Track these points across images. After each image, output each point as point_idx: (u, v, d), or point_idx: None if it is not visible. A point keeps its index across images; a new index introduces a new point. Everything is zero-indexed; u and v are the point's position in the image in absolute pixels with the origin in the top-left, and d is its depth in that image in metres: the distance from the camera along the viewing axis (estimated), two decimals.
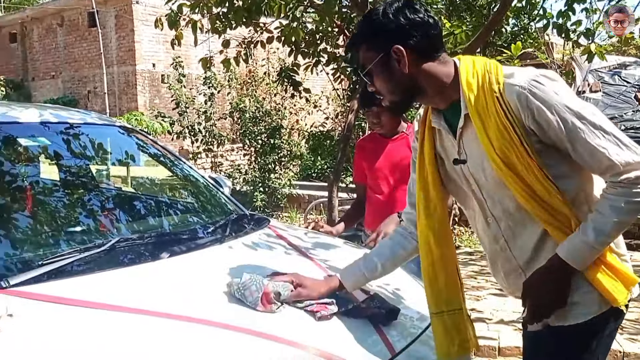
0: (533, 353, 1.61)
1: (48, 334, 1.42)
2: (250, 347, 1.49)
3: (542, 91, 1.40)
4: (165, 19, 4.73)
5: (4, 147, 2.33)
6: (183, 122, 9.16)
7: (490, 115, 1.45)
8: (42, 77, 19.59)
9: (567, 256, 1.44)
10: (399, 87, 1.54)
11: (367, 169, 2.78)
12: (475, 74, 1.49)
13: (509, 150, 1.44)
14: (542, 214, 1.47)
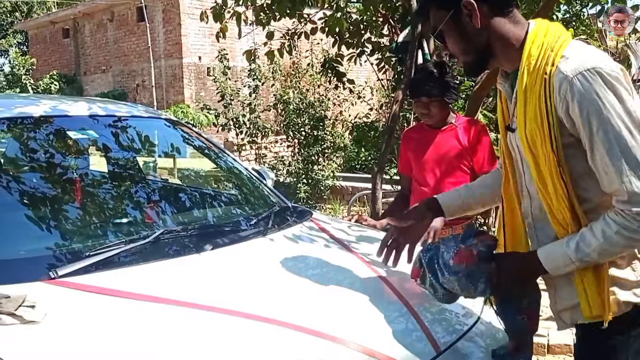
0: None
1: (93, 325, 1.44)
2: (292, 342, 1.48)
3: (583, 87, 1.31)
4: (210, 12, 4.76)
5: (54, 140, 2.39)
6: (228, 114, 9.26)
7: (533, 94, 1.39)
8: (93, 71, 20.17)
9: (543, 259, 1.43)
10: (472, 45, 1.49)
11: (414, 160, 2.72)
12: (541, 46, 1.40)
13: (536, 135, 1.39)
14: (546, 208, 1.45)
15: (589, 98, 1.30)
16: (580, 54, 1.37)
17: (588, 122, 1.31)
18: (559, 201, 1.40)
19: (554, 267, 1.42)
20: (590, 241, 1.35)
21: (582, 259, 1.37)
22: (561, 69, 1.35)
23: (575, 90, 1.32)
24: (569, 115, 1.35)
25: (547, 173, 1.40)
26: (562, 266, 1.40)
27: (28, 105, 2.46)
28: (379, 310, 1.69)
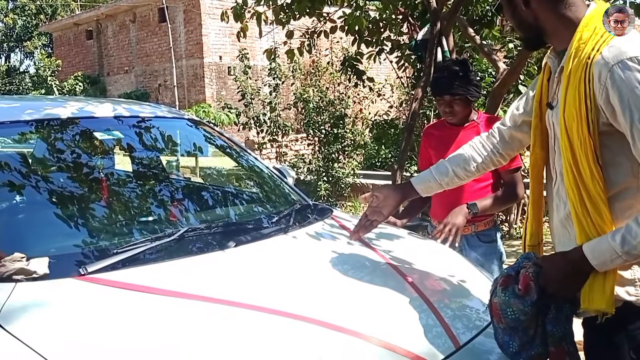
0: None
1: (121, 319, 1.49)
2: (314, 337, 1.51)
3: (625, 74, 1.31)
4: (231, 12, 4.82)
5: (81, 140, 2.46)
6: (249, 113, 9.33)
7: (575, 78, 1.40)
8: (116, 72, 20.44)
9: (589, 254, 1.39)
10: (523, 24, 1.55)
11: (435, 158, 2.71)
12: (593, 30, 1.41)
13: (573, 119, 1.41)
14: (574, 194, 1.44)
15: (630, 86, 1.31)
16: (628, 42, 1.36)
17: (629, 111, 1.32)
18: (594, 184, 1.40)
19: (601, 263, 1.38)
20: (637, 233, 1.33)
21: (629, 252, 1.35)
22: (604, 55, 1.35)
23: (616, 78, 1.32)
24: (609, 102, 1.35)
25: (584, 156, 1.40)
26: (608, 261, 1.37)
27: (56, 107, 2.53)
28: (399, 306, 1.72)
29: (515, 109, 1.80)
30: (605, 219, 1.40)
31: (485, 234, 2.63)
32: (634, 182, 1.40)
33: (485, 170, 1.95)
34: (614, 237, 1.36)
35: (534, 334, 1.53)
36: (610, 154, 1.41)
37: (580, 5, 1.48)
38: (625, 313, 1.43)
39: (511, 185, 2.55)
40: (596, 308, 1.41)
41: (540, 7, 1.48)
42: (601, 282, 1.40)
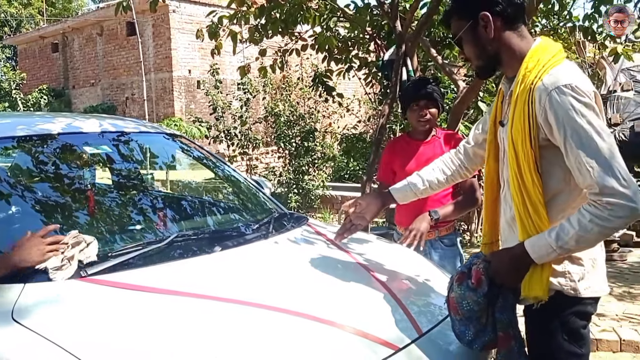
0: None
1: (120, 314, 1.67)
2: (296, 326, 1.72)
3: (559, 99, 1.57)
4: (205, 30, 5.01)
5: (72, 155, 2.62)
6: (219, 126, 9.48)
7: (521, 100, 1.65)
8: (82, 84, 20.32)
9: (530, 249, 1.63)
10: (485, 52, 1.76)
11: (399, 169, 2.94)
12: (537, 61, 1.65)
13: (518, 134, 1.66)
14: (518, 198, 1.69)
15: (564, 107, 1.56)
16: (564, 72, 1.62)
17: (563, 128, 1.56)
18: (534, 189, 1.64)
19: (539, 256, 1.61)
20: (568, 230, 1.55)
21: (562, 247, 1.57)
22: (544, 82, 1.61)
23: (553, 101, 1.57)
24: (547, 121, 1.60)
25: (526, 166, 1.65)
26: (545, 255, 1.60)
27: (46, 123, 2.70)
28: (370, 300, 1.96)
29: (477, 130, 2.10)
30: (543, 219, 1.66)
31: (447, 238, 2.89)
32: (566, 188, 1.67)
33: (454, 182, 2.25)
34: (550, 234, 1.61)
35: (485, 323, 1.78)
36: (548, 164, 1.67)
37: (529, 38, 1.76)
38: (558, 301, 1.68)
39: (469, 192, 2.81)
40: (534, 295, 1.66)
41: (502, 39, 1.73)
42: (539, 274, 1.65)
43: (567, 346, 1.71)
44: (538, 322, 1.75)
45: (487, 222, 1.95)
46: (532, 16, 4.73)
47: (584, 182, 1.56)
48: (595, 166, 1.52)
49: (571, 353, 1.71)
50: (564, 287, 1.68)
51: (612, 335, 3.71)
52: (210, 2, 14.77)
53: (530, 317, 1.78)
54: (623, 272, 5.77)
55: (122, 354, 1.51)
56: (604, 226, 1.52)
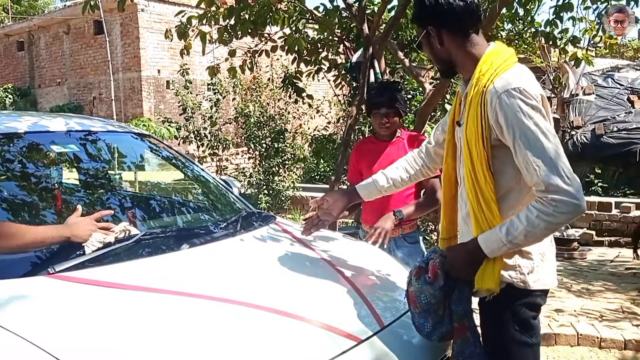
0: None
1: (87, 310, 1.70)
2: (265, 321, 1.77)
3: (508, 101, 1.66)
4: (174, 30, 5.01)
5: (42, 154, 2.63)
6: (189, 127, 9.45)
7: (475, 103, 1.75)
8: (48, 84, 19.95)
9: (482, 243, 1.72)
10: (438, 58, 1.90)
11: (366, 169, 3.03)
12: (490, 65, 1.76)
13: (472, 134, 1.76)
14: (472, 195, 1.78)
15: (513, 109, 1.66)
16: (514, 75, 1.72)
17: (512, 129, 1.66)
18: (487, 187, 1.74)
19: (491, 251, 1.71)
20: (517, 226, 1.65)
21: (511, 241, 1.67)
22: (495, 85, 1.71)
23: (503, 103, 1.67)
24: (498, 123, 1.69)
25: (479, 165, 1.75)
26: (496, 249, 1.70)
27: (12, 122, 2.69)
28: (335, 295, 2.02)
29: (437, 130, 2.20)
30: (495, 215, 1.75)
31: (410, 236, 2.98)
32: (517, 186, 1.77)
33: (417, 180, 2.35)
34: (500, 229, 1.70)
35: (442, 315, 1.86)
36: (500, 163, 1.76)
37: (482, 44, 1.85)
38: (509, 293, 1.78)
39: (431, 192, 2.90)
40: (487, 287, 1.75)
41: (451, 46, 1.84)
42: (491, 267, 1.74)
43: (519, 336, 1.80)
44: (491, 314, 1.84)
45: (445, 218, 2.04)
46: (495, 21, 4.85)
47: (531, 180, 1.66)
48: (542, 165, 1.61)
49: (522, 342, 1.81)
50: (514, 280, 1.77)
51: (570, 330, 3.85)
52: (180, 2, 14.69)
53: (484, 309, 1.87)
54: (582, 269, 5.98)
55: (90, 347, 1.53)
56: (549, 222, 1.62)
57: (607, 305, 4.52)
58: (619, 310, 4.39)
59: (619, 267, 6.08)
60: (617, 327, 3.93)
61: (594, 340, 3.75)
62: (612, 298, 4.76)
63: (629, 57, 16.24)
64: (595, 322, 4.08)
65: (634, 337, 3.73)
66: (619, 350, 3.69)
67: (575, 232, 7.06)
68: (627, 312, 4.34)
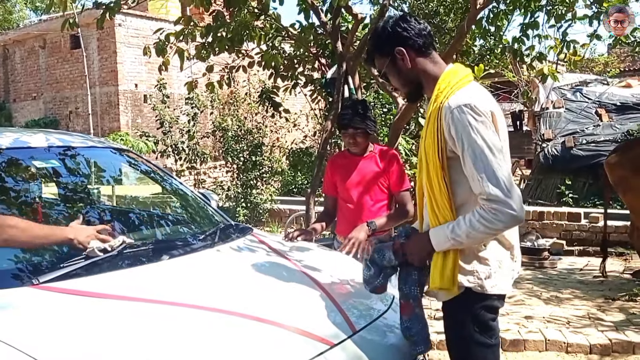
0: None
1: (68, 318, 1.77)
2: (242, 327, 1.86)
3: (460, 116, 1.81)
4: (152, 46, 5.09)
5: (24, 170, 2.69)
6: (167, 141, 9.49)
7: (432, 117, 1.90)
8: (23, 98, 19.73)
9: (432, 236, 1.90)
10: (407, 79, 2.02)
11: (340, 182, 3.16)
12: (447, 83, 1.91)
13: (429, 146, 1.91)
14: (429, 203, 1.94)
15: (463, 124, 1.80)
16: (467, 93, 1.86)
17: (461, 142, 1.81)
18: (441, 196, 1.89)
19: (437, 243, 1.88)
20: (461, 226, 1.82)
21: (454, 239, 1.83)
22: (449, 101, 1.85)
23: (455, 118, 1.81)
24: (450, 135, 1.84)
25: (434, 174, 1.89)
26: (442, 242, 1.87)
27: None
28: (310, 302, 2.12)
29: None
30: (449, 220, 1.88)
31: None
32: (472, 195, 1.87)
33: None
34: (448, 227, 1.87)
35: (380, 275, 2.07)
36: (456, 174, 1.89)
37: (441, 63, 2.02)
38: (468, 298, 1.91)
39: (402, 204, 3.03)
40: (438, 286, 1.89)
41: (418, 67, 1.99)
42: (440, 268, 1.88)
43: (478, 337, 1.92)
44: (453, 317, 1.98)
45: (420, 226, 2.15)
46: (464, 37, 5.04)
47: (475, 189, 1.82)
48: (484, 176, 1.78)
49: (482, 343, 1.93)
50: (472, 285, 1.90)
51: (538, 336, 3.99)
52: (157, 17, 14.75)
53: (446, 314, 2.00)
54: (552, 278, 6.16)
55: (71, 353, 1.61)
56: (488, 227, 1.79)
57: (575, 312, 4.68)
58: (586, 317, 4.55)
59: (587, 275, 6.26)
60: (583, 333, 4.08)
61: (561, 346, 3.90)
62: (580, 305, 4.93)
63: (598, 71, 16.73)
64: (563, 328, 4.23)
65: (599, 342, 3.89)
66: (585, 354, 3.84)
67: (545, 241, 7.26)
68: (593, 318, 4.50)
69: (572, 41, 5.80)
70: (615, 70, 16.22)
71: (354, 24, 4.96)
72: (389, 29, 1.99)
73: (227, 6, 4.30)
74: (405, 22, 1.99)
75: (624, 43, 5.76)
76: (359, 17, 4.91)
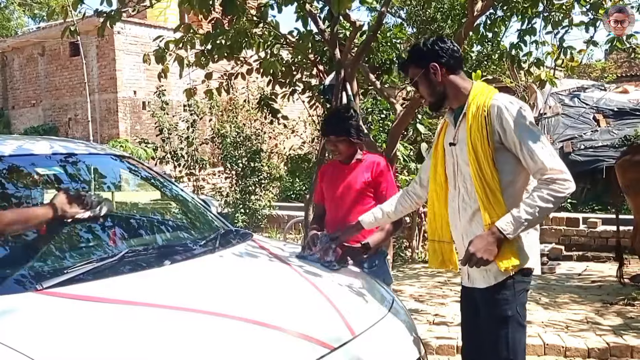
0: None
1: (72, 322, 1.80)
2: (244, 331, 1.88)
3: (510, 109, 2.17)
4: (152, 54, 5.13)
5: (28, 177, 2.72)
6: (166, 147, 9.52)
7: (476, 119, 2.21)
8: (22, 105, 19.77)
9: (502, 226, 2.09)
10: (435, 91, 2.34)
11: (327, 191, 3.13)
12: (480, 92, 2.26)
13: (478, 140, 2.19)
14: (480, 190, 2.18)
15: (517, 115, 2.15)
16: (504, 96, 2.26)
17: (518, 129, 2.13)
18: (493, 181, 2.16)
19: (512, 230, 2.07)
20: (532, 204, 2.07)
21: (528, 220, 2.06)
22: (495, 100, 2.20)
23: (509, 111, 2.16)
24: (502, 126, 2.15)
25: (485, 163, 2.17)
26: (516, 229, 2.07)
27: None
28: (309, 306, 2.16)
29: (422, 173, 2.61)
30: (501, 203, 2.16)
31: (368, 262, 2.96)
32: (514, 179, 2.21)
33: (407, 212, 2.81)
34: (517, 212, 2.08)
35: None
36: (500, 163, 2.18)
37: (468, 80, 2.37)
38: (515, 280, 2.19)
39: None
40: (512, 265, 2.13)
41: (447, 81, 2.32)
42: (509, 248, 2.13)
43: (519, 319, 2.18)
44: (498, 300, 2.20)
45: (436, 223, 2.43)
46: (462, 44, 5.08)
47: (535, 167, 2.10)
48: (543, 152, 2.09)
49: (522, 325, 2.20)
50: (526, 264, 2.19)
51: (537, 340, 4.02)
52: (156, 24, 14.81)
53: (488, 296, 2.22)
54: (551, 283, 6.18)
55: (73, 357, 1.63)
56: (557, 196, 2.06)
57: (573, 317, 4.71)
58: (584, 321, 4.58)
59: (585, 280, 6.29)
60: (581, 337, 4.11)
61: (559, 350, 3.93)
62: (578, 309, 4.96)
63: (596, 77, 16.81)
64: (561, 332, 4.26)
65: (597, 346, 3.92)
66: (583, 358, 3.87)
67: (544, 247, 7.29)
68: (591, 323, 4.53)
69: (569, 47, 5.88)
70: (612, 76, 16.29)
71: (352, 31, 4.99)
72: (428, 45, 2.32)
73: (226, 14, 4.33)
74: (442, 42, 2.32)
75: (620, 49, 5.80)
76: (356, 25, 4.95)
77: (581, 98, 11.25)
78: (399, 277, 6.48)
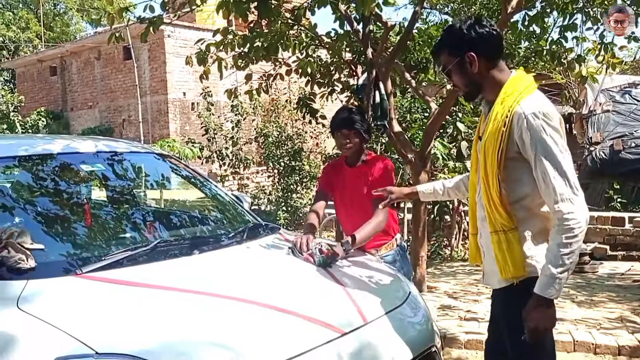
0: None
1: (107, 302, 2.00)
2: (264, 316, 2.04)
3: (534, 121, 1.93)
4: (195, 56, 5.37)
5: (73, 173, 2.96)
6: (212, 147, 9.83)
7: (498, 118, 2.00)
8: (80, 107, 20.68)
9: (541, 292, 1.90)
10: (470, 82, 2.11)
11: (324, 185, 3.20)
12: (512, 89, 2.01)
13: (490, 144, 2.02)
14: (485, 199, 2.06)
15: (537, 129, 1.92)
16: (536, 100, 1.99)
17: (535, 145, 1.92)
18: (495, 192, 2.00)
19: (550, 291, 1.87)
20: (555, 255, 1.86)
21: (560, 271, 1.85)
22: (521, 106, 1.97)
23: (529, 123, 1.93)
24: (521, 138, 1.95)
25: (490, 171, 2.01)
26: (554, 285, 1.86)
27: (48, 144, 3.04)
28: (324, 294, 2.30)
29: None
30: (503, 217, 2.01)
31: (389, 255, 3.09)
32: (532, 192, 2.00)
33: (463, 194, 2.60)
34: (545, 269, 1.89)
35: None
36: (517, 173, 2.01)
37: (506, 70, 2.11)
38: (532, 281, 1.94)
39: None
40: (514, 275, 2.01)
41: (483, 70, 2.08)
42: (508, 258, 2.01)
43: None
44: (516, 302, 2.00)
45: (472, 218, 2.29)
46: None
47: (545, 191, 1.92)
48: (557, 175, 1.89)
49: None
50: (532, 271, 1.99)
51: (567, 337, 4.01)
52: (204, 27, 15.23)
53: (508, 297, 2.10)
54: (590, 282, 6.09)
55: (110, 335, 1.82)
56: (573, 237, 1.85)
57: (608, 315, 4.65)
58: (618, 319, 4.51)
59: (627, 279, 6.16)
60: (613, 334, 4.07)
61: (589, 347, 3.91)
62: (614, 308, 4.89)
63: None
64: (593, 330, 4.22)
65: (628, 343, 3.88)
66: (613, 355, 3.83)
67: (586, 246, 7.15)
68: (626, 321, 4.46)
69: (610, 43, 5.78)
70: None
71: (384, 31, 5.09)
72: (465, 30, 2.05)
73: (260, 17, 4.51)
74: (481, 27, 2.05)
75: None
76: (388, 25, 5.04)
77: (632, 94, 10.87)
78: (435, 275, 6.51)
